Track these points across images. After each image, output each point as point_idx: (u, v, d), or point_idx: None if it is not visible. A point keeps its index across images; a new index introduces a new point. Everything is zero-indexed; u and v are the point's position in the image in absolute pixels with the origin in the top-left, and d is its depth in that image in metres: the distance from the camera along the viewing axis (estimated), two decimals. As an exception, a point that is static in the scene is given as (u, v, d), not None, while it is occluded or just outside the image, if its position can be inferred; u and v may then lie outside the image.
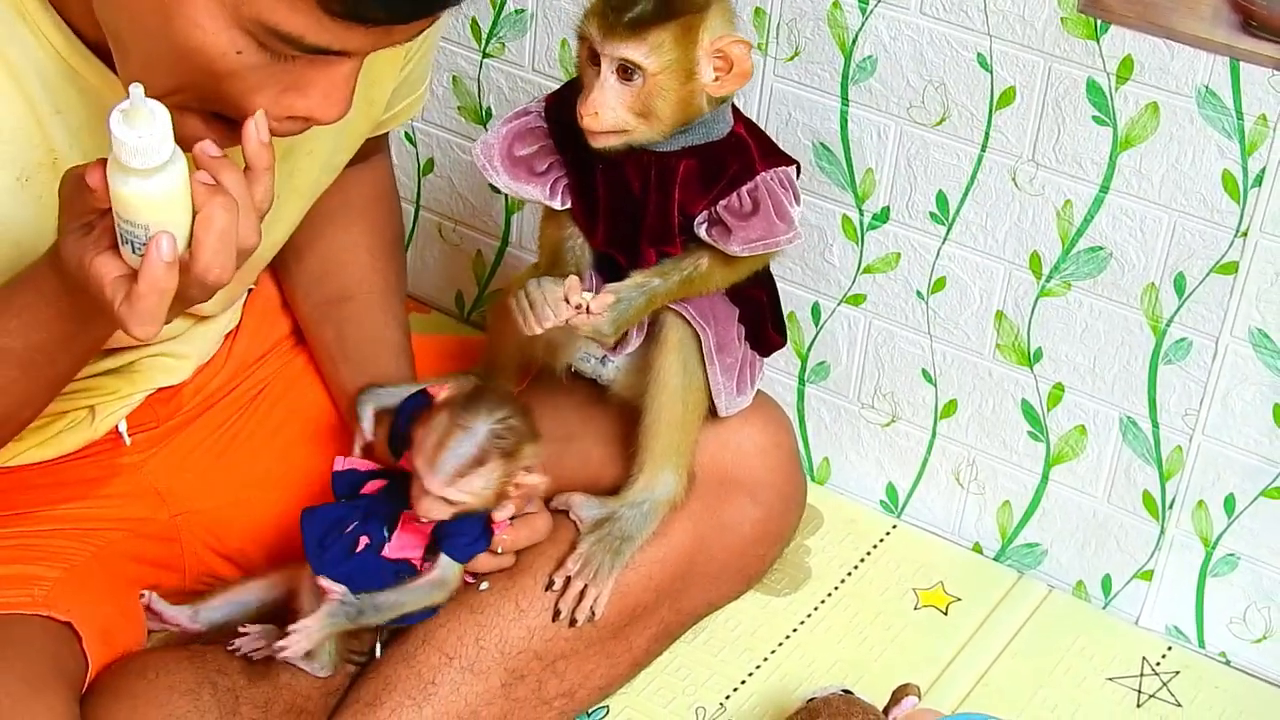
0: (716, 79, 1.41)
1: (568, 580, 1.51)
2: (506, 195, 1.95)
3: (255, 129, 1.14)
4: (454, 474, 1.39)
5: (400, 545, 1.44)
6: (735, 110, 1.48)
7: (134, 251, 1.12)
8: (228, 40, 1.11)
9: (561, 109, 1.48)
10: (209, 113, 1.18)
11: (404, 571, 1.43)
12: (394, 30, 1.12)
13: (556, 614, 1.50)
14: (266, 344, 1.65)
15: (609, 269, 1.50)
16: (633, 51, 1.38)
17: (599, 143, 1.42)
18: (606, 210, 1.47)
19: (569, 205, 1.49)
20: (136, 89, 1.09)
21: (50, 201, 1.27)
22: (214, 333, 1.60)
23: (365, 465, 1.51)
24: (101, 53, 1.26)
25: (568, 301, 1.42)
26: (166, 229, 1.11)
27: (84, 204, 1.13)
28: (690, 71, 1.40)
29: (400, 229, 1.73)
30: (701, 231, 1.45)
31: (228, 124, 1.18)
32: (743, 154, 1.45)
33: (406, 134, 1.98)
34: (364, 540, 1.43)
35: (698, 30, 1.39)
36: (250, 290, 1.65)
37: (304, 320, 1.65)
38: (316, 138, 1.45)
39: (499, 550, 1.48)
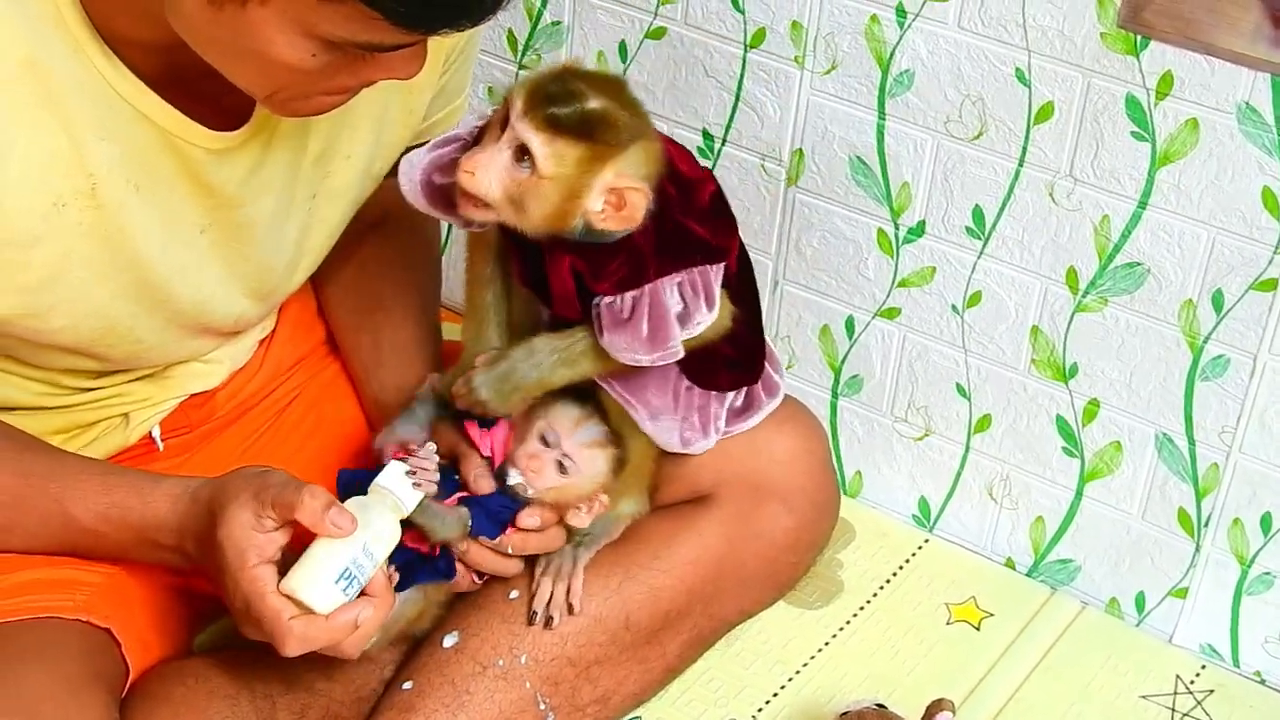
0: (603, 213, 1.38)
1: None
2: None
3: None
4: (593, 442, 1.47)
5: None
6: (657, 202, 1.41)
7: (345, 589, 1.28)
8: (303, 48, 1.17)
9: None
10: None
11: (411, 559, 1.44)
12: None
13: (531, 616, 1.50)
14: (300, 351, 1.65)
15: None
16: (536, 144, 1.35)
17: (463, 208, 1.39)
18: (516, 256, 1.47)
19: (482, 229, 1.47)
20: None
21: (89, 228, 1.30)
22: (249, 340, 1.60)
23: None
24: (151, 81, 1.28)
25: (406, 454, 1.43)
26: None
27: (271, 539, 1.29)
28: (577, 194, 1.37)
29: (436, 238, 1.74)
30: (594, 315, 1.43)
31: None
32: (635, 261, 1.41)
33: (441, 144, 1.99)
34: None
35: (605, 162, 1.36)
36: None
37: (338, 326, 1.66)
38: (355, 141, 1.45)
39: (509, 550, 1.48)
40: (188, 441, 1.56)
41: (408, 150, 1.56)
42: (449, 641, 1.49)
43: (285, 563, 1.31)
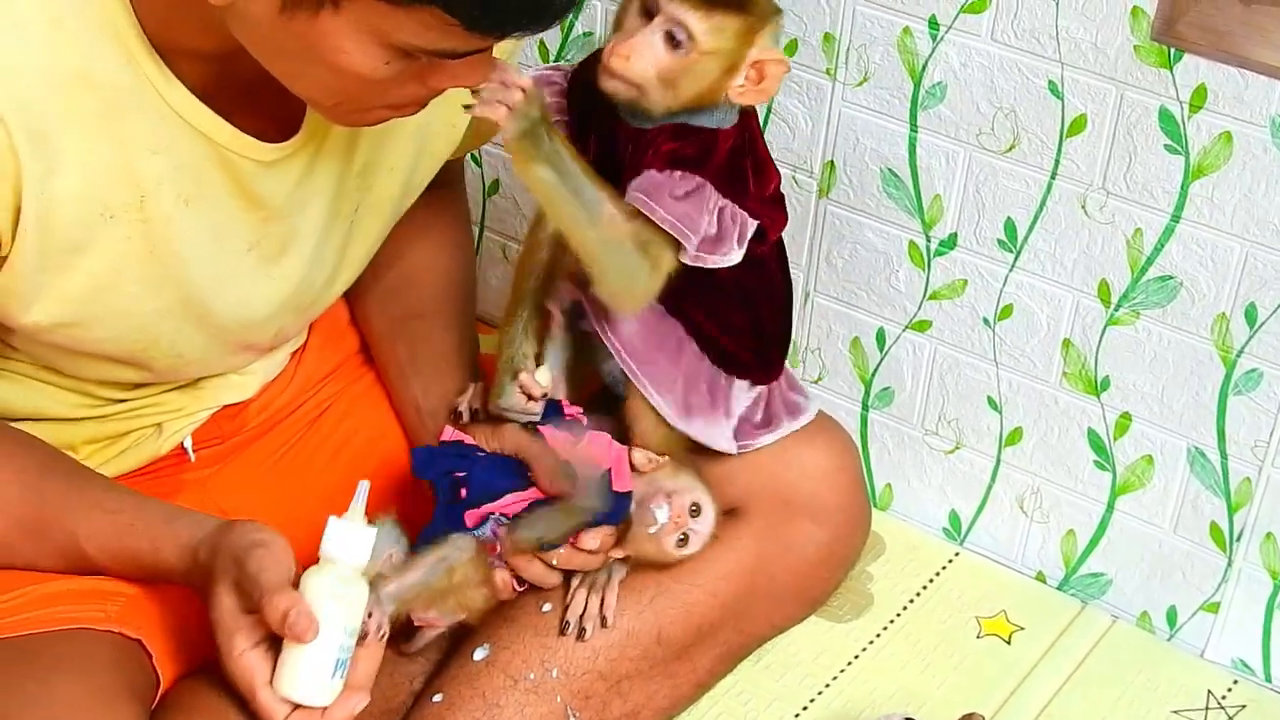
0: (743, 87, 1.40)
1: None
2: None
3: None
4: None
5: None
6: (740, 143, 1.44)
7: (341, 676, 1.27)
8: (376, 57, 1.18)
9: (585, 76, 1.47)
10: None
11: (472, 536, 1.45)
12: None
13: (564, 627, 1.50)
14: (332, 362, 1.66)
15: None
16: (695, 22, 1.37)
17: (609, 86, 1.39)
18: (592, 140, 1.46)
19: None
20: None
21: (137, 242, 1.31)
22: (282, 351, 1.61)
23: (470, 441, 1.52)
24: (202, 94, 1.29)
25: (530, 396, 1.49)
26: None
27: (260, 620, 1.26)
28: (733, 67, 1.39)
29: (472, 249, 1.75)
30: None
31: None
32: (705, 152, 1.42)
33: (473, 155, 1.99)
34: (463, 492, 1.45)
35: (756, 34, 1.39)
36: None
37: (375, 336, 1.66)
38: (398, 153, 1.46)
39: (554, 562, 1.48)
40: (219, 452, 1.57)
41: (451, 162, 1.57)
42: (479, 654, 1.49)
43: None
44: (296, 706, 1.27)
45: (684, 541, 1.51)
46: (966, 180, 1.67)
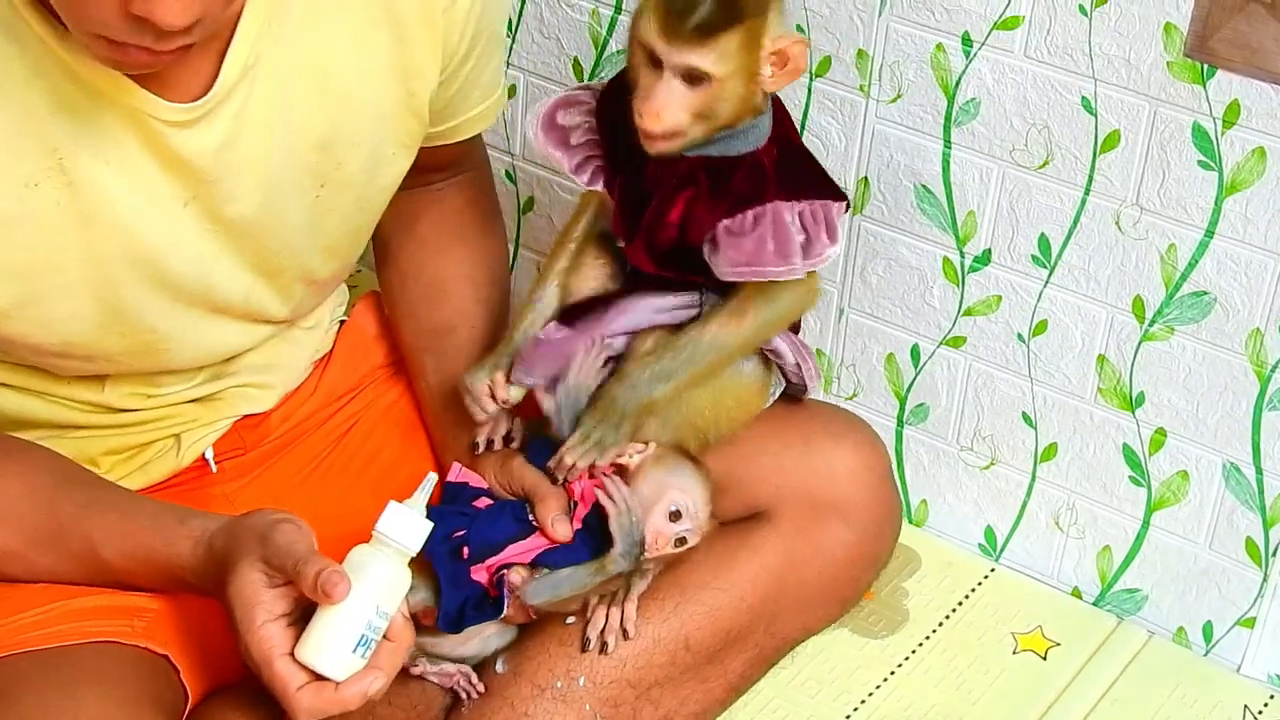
0: (772, 77, 1.40)
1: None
2: (607, 234, 1.96)
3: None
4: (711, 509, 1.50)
5: (485, 570, 1.45)
6: (780, 134, 1.46)
7: (362, 654, 1.26)
8: None
9: (615, 93, 1.48)
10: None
11: (477, 591, 1.44)
12: None
13: (585, 643, 1.50)
14: (358, 375, 1.65)
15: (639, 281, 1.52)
16: (700, 59, 1.36)
17: (656, 148, 1.41)
18: (618, 205, 1.48)
19: (596, 186, 1.49)
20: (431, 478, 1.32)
21: (67, 205, 1.29)
22: (301, 362, 1.60)
23: (476, 481, 1.52)
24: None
25: (492, 396, 1.49)
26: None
27: (282, 593, 1.27)
28: (754, 73, 1.39)
29: (504, 254, 1.71)
30: (705, 252, 1.44)
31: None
32: (756, 175, 1.43)
33: (507, 172, 2.00)
34: (465, 551, 1.45)
35: (760, 33, 1.38)
36: (343, 322, 1.66)
37: (407, 349, 1.65)
38: (355, 128, 1.43)
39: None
40: (243, 465, 1.57)
41: (447, 148, 1.56)
42: (500, 666, 1.50)
43: (305, 614, 1.28)
44: (313, 680, 1.26)
45: (683, 542, 1.49)
46: (1000, 196, 1.67)
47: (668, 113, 1.38)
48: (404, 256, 1.63)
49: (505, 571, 1.44)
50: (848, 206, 1.47)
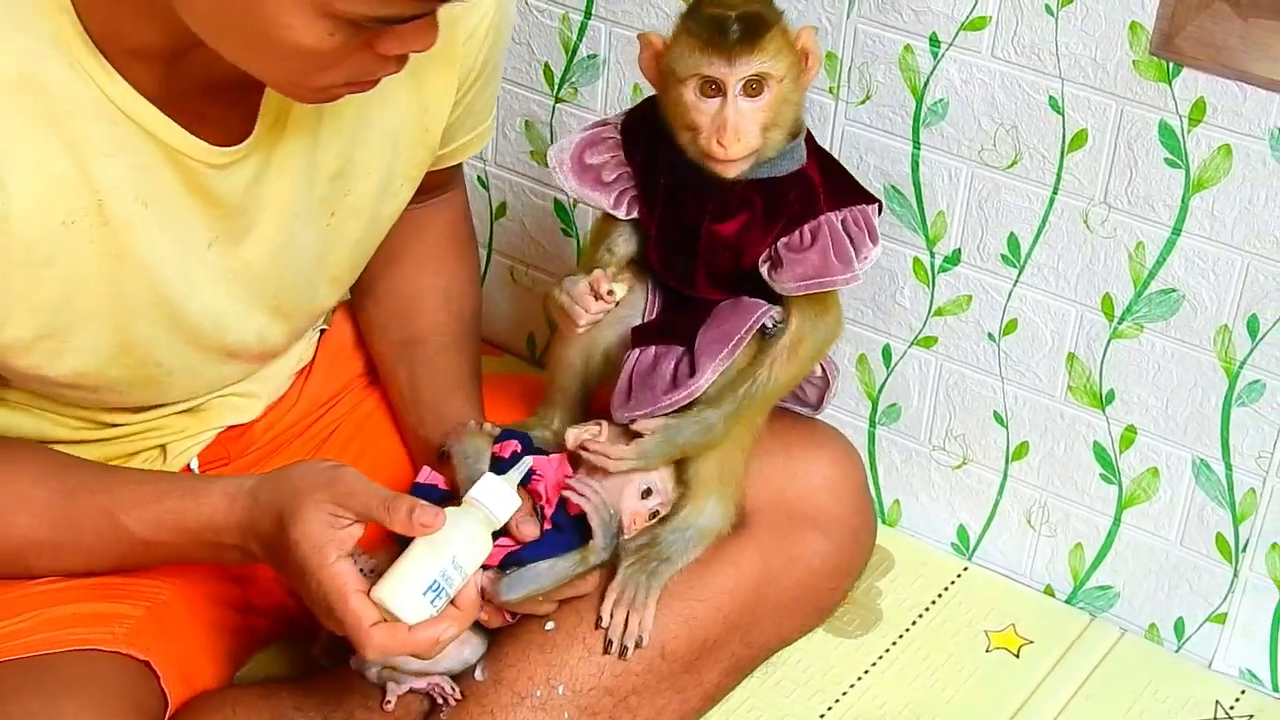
0: (802, 76, 1.44)
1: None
2: (579, 238, 1.96)
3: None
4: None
5: None
6: (812, 147, 1.49)
7: (433, 601, 1.28)
8: (320, 28, 1.16)
9: (639, 125, 1.50)
10: None
11: None
12: None
13: (607, 645, 1.50)
14: (339, 383, 1.66)
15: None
16: (761, 63, 1.40)
17: (731, 172, 1.43)
18: (659, 235, 1.49)
19: (633, 215, 1.50)
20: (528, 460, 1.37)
21: (100, 245, 1.30)
22: (285, 372, 1.61)
23: (445, 484, 1.52)
24: (151, 97, 1.28)
25: (595, 294, 1.46)
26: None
27: (350, 533, 1.29)
28: (799, 71, 1.43)
29: (477, 272, 1.74)
30: (764, 271, 1.46)
31: None
32: (807, 191, 1.46)
33: (479, 178, 2.00)
34: None
35: (786, 32, 1.43)
36: (324, 330, 1.66)
37: (379, 359, 1.66)
38: (371, 156, 1.45)
39: (540, 597, 1.47)
40: (226, 473, 1.56)
41: (437, 172, 1.57)
42: (479, 675, 1.50)
43: (377, 570, 1.32)
44: (384, 621, 1.29)
45: (655, 515, 1.50)
46: (970, 196, 1.68)
47: (745, 133, 1.41)
48: (377, 272, 1.63)
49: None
50: (880, 208, 1.50)
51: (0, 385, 1.42)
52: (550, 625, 1.51)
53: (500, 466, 1.44)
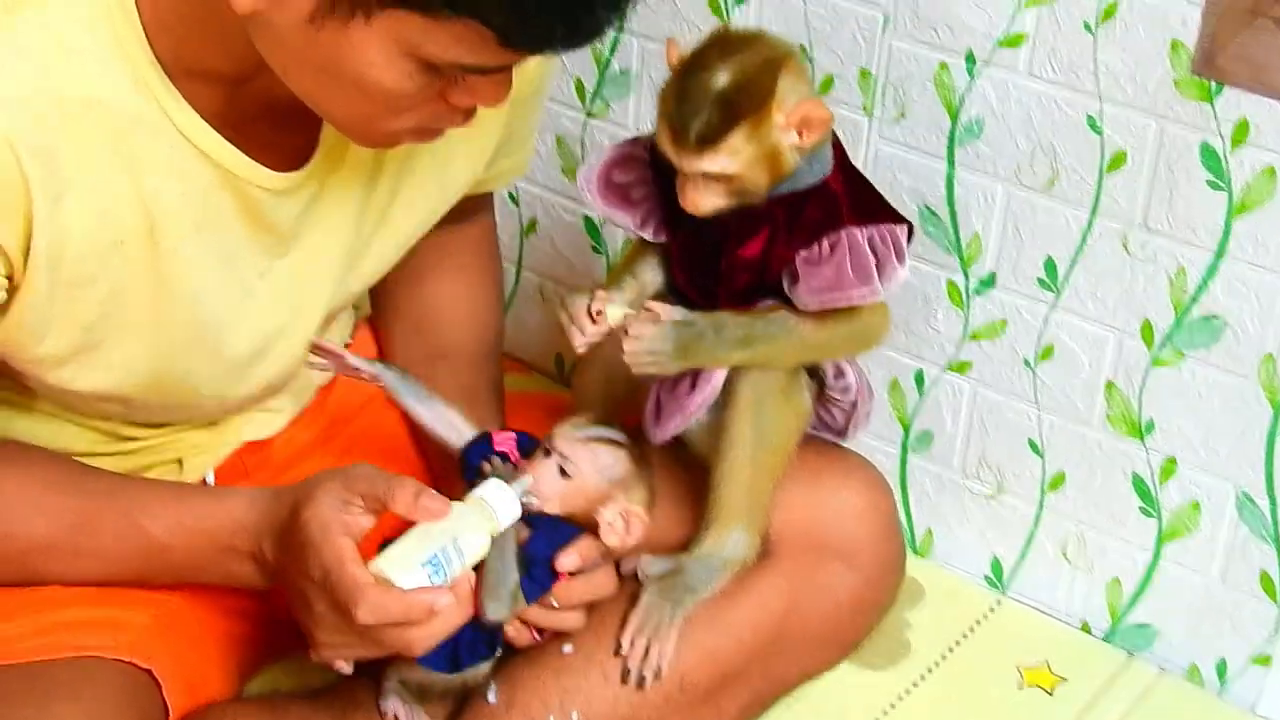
0: (801, 140, 1.39)
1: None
2: (609, 256, 1.93)
3: None
4: (589, 437, 1.44)
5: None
6: (839, 158, 1.45)
7: (431, 575, 1.29)
8: (401, 70, 1.17)
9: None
10: None
11: (469, 628, 1.40)
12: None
13: (625, 674, 1.47)
14: (360, 400, 1.65)
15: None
16: (710, 164, 1.38)
17: (706, 215, 1.42)
18: (682, 253, 1.47)
19: (660, 238, 1.48)
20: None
21: (144, 267, 1.30)
22: (308, 388, 1.60)
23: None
24: (212, 120, 1.28)
25: (590, 315, 1.44)
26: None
27: (357, 521, 1.29)
28: (774, 152, 1.39)
29: (500, 290, 1.73)
30: (785, 285, 1.43)
31: None
32: (829, 205, 1.43)
33: (510, 194, 1.98)
34: None
35: (769, 118, 1.37)
36: (348, 344, 1.65)
37: None
38: (416, 187, 1.45)
39: (554, 603, 1.44)
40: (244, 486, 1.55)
41: (474, 197, 1.55)
42: (491, 696, 1.47)
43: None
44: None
45: (563, 473, 1.43)
46: (1005, 218, 1.64)
47: (705, 201, 1.40)
48: (400, 288, 1.64)
49: None
50: (911, 230, 1.46)
51: (25, 394, 1.42)
52: (568, 648, 1.49)
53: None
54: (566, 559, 1.42)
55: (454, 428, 1.48)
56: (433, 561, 1.29)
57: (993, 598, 1.79)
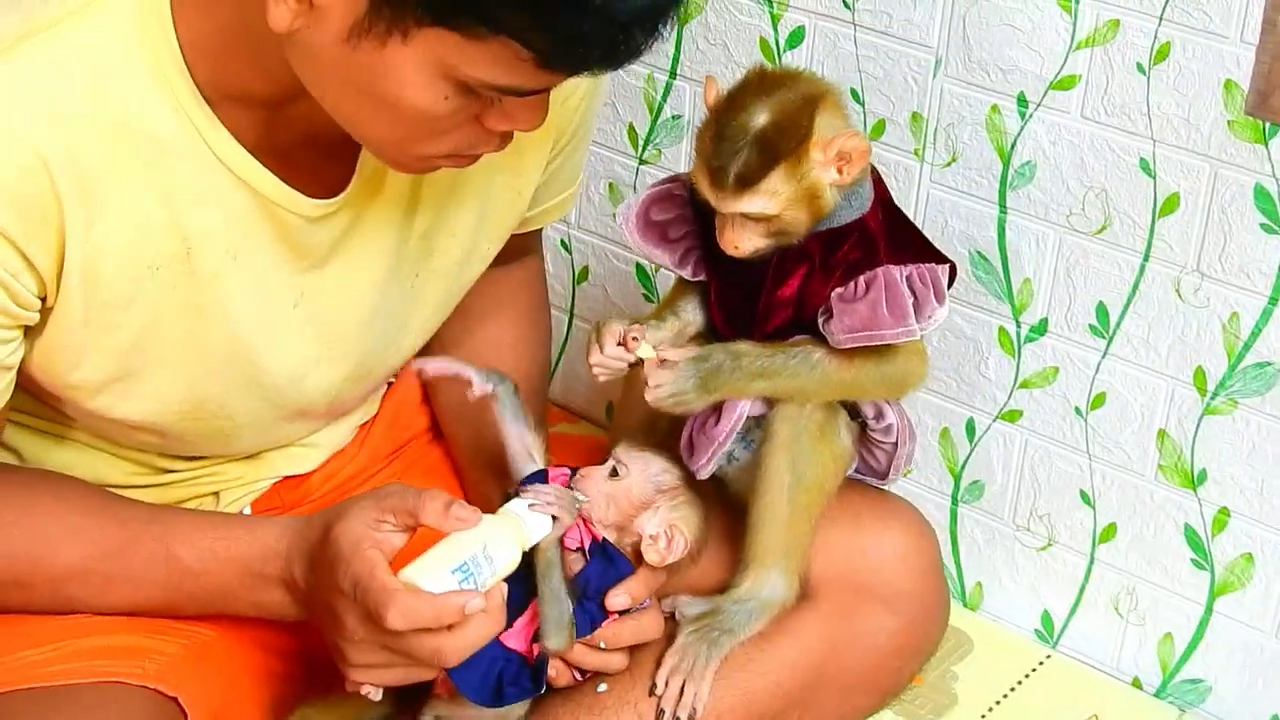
0: (842, 175, 1.38)
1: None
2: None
3: None
4: (644, 449, 1.46)
5: (522, 633, 1.40)
6: (880, 195, 1.44)
7: (460, 583, 1.27)
8: (437, 91, 1.17)
9: None
10: None
11: (514, 661, 1.39)
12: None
13: (659, 715, 1.45)
14: (403, 438, 1.64)
15: None
16: (749, 206, 1.37)
17: (745, 257, 1.41)
18: (721, 292, 1.46)
19: (700, 277, 1.47)
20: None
21: (181, 294, 1.30)
22: (347, 426, 1.59)
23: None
24: (249, 146, 1.28)
25: (623, 341, 1.44)
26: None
27: (388, 538, 1.28)
28: (813, 191, 1.38)
29: (547, 333, 1.72)
30: (820, 323, 1.42)
31: None
32: (866, 243, 1.41)
33: (562, 241, 1.97)
34: None
35: (807, 157, 1.37)
36: (391, 383, 1.64)
37: (442, 413, 1.65)
38: (459, 219, 1.45)
39: (601, 644, 1.42)
40: None
41: (520, 236, 1.55)
42: (602, 688, 1.46)
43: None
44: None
45: (614, 474, 1.44)
46: (1057, 263, 1.62)
47: (744, 243, 1.40)
48: (446, 326, 1.62)
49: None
50: (953, 270, 1.44)
51: (63, 423, 1.42)
52: (603, 687, 1.47)
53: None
54: (616, 598, 1.41)
55: (530, 457, 1.47)
56: (463, 568, 1.28)
57: (1042, 651, 1.76)
